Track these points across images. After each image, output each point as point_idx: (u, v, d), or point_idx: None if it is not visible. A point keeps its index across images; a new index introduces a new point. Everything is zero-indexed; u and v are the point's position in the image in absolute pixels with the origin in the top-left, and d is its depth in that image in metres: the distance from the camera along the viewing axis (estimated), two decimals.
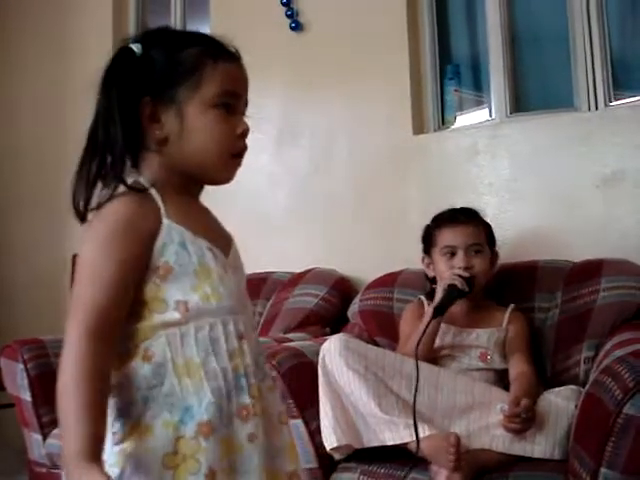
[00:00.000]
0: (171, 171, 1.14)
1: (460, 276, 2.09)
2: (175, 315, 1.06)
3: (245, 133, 1.15)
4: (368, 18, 2.95)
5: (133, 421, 1.04)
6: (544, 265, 2.33)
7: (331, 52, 3.03)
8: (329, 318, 2.64)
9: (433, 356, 2.09)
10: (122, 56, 1.14)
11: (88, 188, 1.13)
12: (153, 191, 1.11)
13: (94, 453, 0.94)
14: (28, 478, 2.63)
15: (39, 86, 4.01)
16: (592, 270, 2.21)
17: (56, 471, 2.49)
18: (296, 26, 3.08)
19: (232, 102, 1.14)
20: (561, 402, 1.84)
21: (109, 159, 1.11)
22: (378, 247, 2.83)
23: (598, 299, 2.12)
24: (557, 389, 1.93)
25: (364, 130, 2.95)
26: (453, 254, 2.18)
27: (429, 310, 2.08)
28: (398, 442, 1.77)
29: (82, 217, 1.13)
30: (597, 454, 1.47)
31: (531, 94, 2.86)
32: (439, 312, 2.04)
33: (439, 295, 2.11)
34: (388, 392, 1.85)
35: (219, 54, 1.15)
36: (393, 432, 1.79)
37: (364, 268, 2.78)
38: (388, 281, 2.54)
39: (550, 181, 2.55)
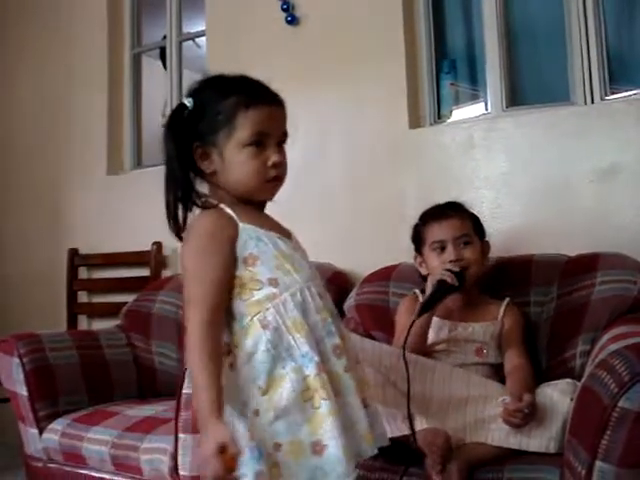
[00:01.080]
0: (227, 193, 1.45)
1: (450, 270, 2.09)
2: (272, 289, 1.39)
3: (276, 164, 1.43)
4: (364, 11, 2.95)
5: (270, 374, 1.35)
6: (539, 259, 2.33)
7: (327, 46, 3.02)
8: None
9: (427, 351, 2.09)
10: (178, 110, 1.45)
11: (175, 216, 1.44)
12: (223, 205, 1.43)
13: (216, 410, 1.27)
14: (25, 473, 2.63)
15: (36, 81, 4.01)
16: (588, 264, 2.21)
17: (53, 465, 2.49)
18: (292, 20, 3.07)
19: (263, 139, 1.42)
20: (557, 396, 1.84)
21: (179, 193, 1.44)
22: (374, 241, 2.84)
23: (594, 293, 2.12)
24: (553, 383, 1.93)
25: (360, 124, 2.95)
26: (443, 248, 2.18)
27: (416, 309, 2.07)
28: (397, 434, 1.77)
29: (180, 237, 1.46)
30: (592, 447, 1.47)
31: (527, 88, 2.86)
32: (425, 309, 2.03)
33: (428, 291, 2.11)
34: (386, 383, 1.85)
35: (251, 102, 1.42)
36: (391, 425, 1.78)
37: (360, 262, 2.78)
38: (384, 275, 2.54)
39: (546, 175, 2.56)
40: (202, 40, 3.63)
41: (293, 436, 1.34)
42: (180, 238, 1.45)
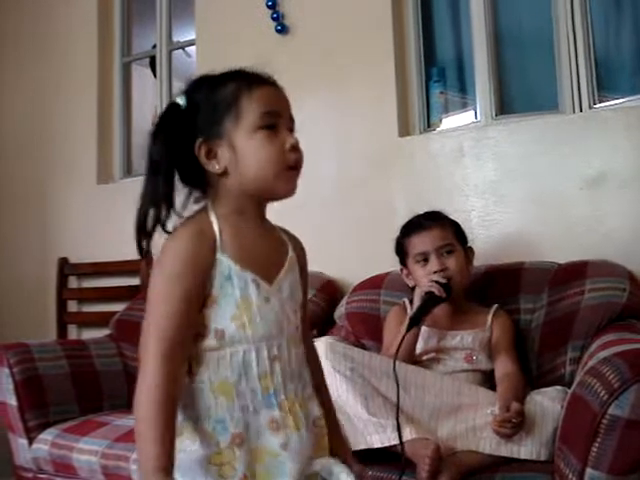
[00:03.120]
0: (236, 198, 1.26)
1: (437, 282, 2.10)
2: (213, 342, 1.20)
3: (294, 146, 1.26)
4: (353, 20, 2.96)
5: (186, 423, 1.19)
6: (529, 267, 2.34)
7: (317, 55, 3.03)
8: (316, 321, 2.64)
9: (417, 361, 2.10)
10: (170, 110, 1.27)
11: (146, 231, 1.23)
12: (214, 221, 1.23)
13: (168, 468, 1.09)
14: None
15: (25, 88, 4.00)
16: (577, 271, 2.22)
17: (42, 476, 2.48)
18: (282, 29, 3.08)
19: (274, 121, 1.26)
20: (547, 403, 1.84)
21: (160, 205, 1.22)
22: (364, 249, 2.84)
23: (583, 300, 2.13)
24: (543, 390, 1.94)
25: (350, 132, 2.95)
26: (426, 260, 2.19)
27: (405, 321, 2.08)
28: (386, 444, 1.77)
29: (143, 255, 1.25)
30: (583, 454, 1.48)
31: (516, 96, 2.87)
32: (414, 323, 2.05)
33: (416, 303, 2.11)
34: (375, 393, 1.85)
35: (251, 82, 1.28)
36: (380, 434, 1.79)
37: (351, 270, 2.78)
38: (375, 283, 2.54)
39: (535, 183, 2.57)
40: (192, 49, 3.63)
41: None
42: (143, 256, 1.26)
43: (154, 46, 3.79)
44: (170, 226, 1.24)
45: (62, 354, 2.68)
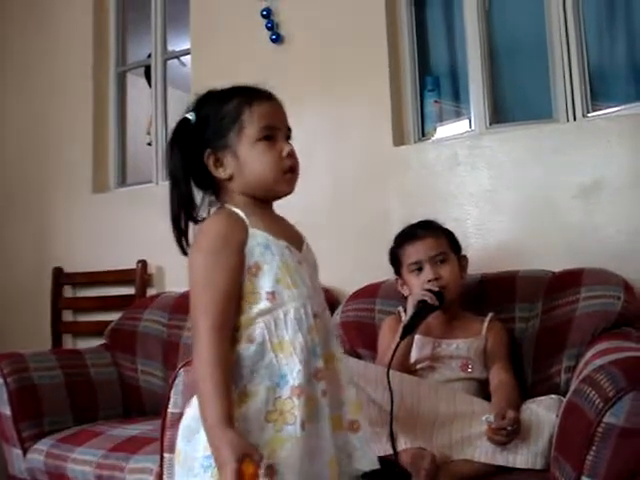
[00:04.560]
0: (244, 195, 1.45)
1: (430, 290, 2.10)
2: (268, 304, 1.36)
3: (290, 153, 1.46)
4: (348, 30, 2.97)
5: (241, 389, 1.33)
6: (524, 275, 2.34)
7: (311, 64, 3.04)
8: None
9: (411, 369, 2.10)
10: (181, 125, 1.47)
11: (181, 229, 1.44)
12: (237, 210, 1.42)
13: (229, 420, 1.25)
14: None
15: (20, 102, 4.00)
16: (572, 280, 2.22)
17: None
18: (276, 38, 3.09)
19: (272, 133, 1.45)
20: (542, 412, 1.84)
21: (185, 206, 1.44)
22: (359, 258, 2.84)
23: (578, 308, 2.13)
24: (539, 399, 1.94)
25: (344, 141, 2.96)
26: (420, 269, 2.19)
27: (399, 330, 2.08)
28: (381, 454, 1.76)
29: (184, 252, 1.44)
30: (578, 463, 1.48)
31: (510, 105, 2.88)
32: (407, 331, 2.04)
33: (409, 312, 2.11)
34: (371, 403, 1.85)
35: (253, 99, 1.45)
36: (376, 444, 1.78)
37: (346, 279, 2.78)
38: (370, 292, 2.54)
39: (529, 191, 2.57)
40: (187, 58, 3.64)
41: None
42: (184, 252, 1.44)
43: (149, 55, 3.80)
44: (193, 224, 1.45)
45: (57, 364, 2.67)
